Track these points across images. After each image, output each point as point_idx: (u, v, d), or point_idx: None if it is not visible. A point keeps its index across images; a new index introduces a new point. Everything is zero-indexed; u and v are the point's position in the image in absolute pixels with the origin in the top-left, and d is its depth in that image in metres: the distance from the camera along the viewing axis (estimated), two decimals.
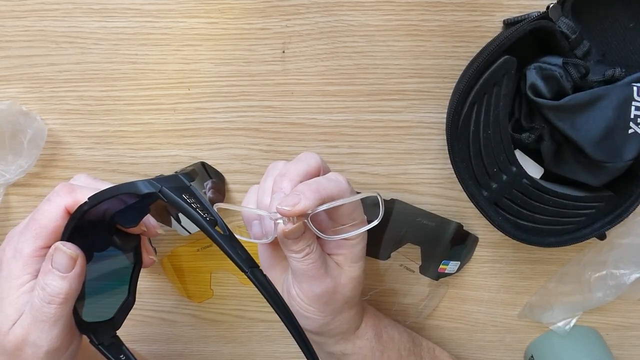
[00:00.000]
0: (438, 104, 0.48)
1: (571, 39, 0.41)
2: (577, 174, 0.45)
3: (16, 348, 0.33)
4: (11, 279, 0.32)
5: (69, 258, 0.32)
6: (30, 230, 0.33)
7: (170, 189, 0.28)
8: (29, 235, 0.33)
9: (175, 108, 0.49)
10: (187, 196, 0.29)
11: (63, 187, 0.33)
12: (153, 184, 0.29)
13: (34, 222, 0.33)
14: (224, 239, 0.28)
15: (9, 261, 0.33)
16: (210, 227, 0.28)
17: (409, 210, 0.50)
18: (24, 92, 0.48)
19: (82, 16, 0.45)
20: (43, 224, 0.33)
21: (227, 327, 0.58)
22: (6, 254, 0.33)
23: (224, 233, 0.29)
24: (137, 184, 0.29)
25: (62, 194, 0.33)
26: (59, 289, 0.31)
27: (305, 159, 0.38)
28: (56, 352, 0.33)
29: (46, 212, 0.33)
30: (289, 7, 0.45)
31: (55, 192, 0.34)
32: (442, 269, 0.53)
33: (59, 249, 0.32)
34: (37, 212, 0.33)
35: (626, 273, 0.53)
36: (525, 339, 0.60)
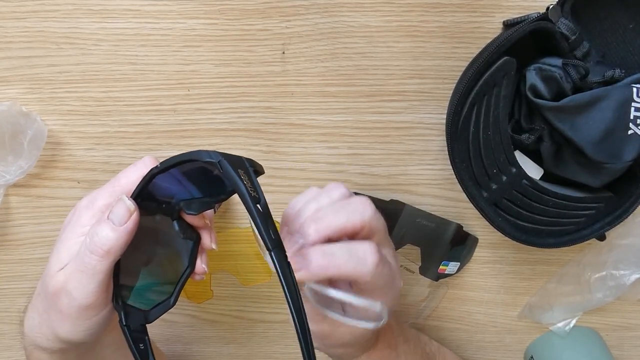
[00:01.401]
0: (438, 105, 0.48)
1: (571, 40, 0.41)
2: (577, 174, 0.45)
3: (55, 294, 0.33)
4: (76, 226, 0.34)
5: (127, 210, 0.32)
6: (109, 186, 0.34)
7: (230, 163, 0.30)
8: (106, 190, 0.34)
9: (175, 109, 0.49)
10: (241, 172, 0.30)
11: (150, 159, 0.35)
12: (216, 155, 0.30)
13: (115, 180, 0.34)
14: (260, 215, 0.29)
15: (81, 209, 0.34)
16: (251, 202, 0.29)
17: (409, 211, 0.50)
18: (24, 93, 0.48)
19: (82, 17, 0.45)
20: (122, 183, 0.34)
21: (227, 327, 0.58)
22: (82, 203, 0.35)
23: (262, 211, 0.30)
24: (201, 152, 0.31)
25: (148, 163, 0.34)
26: (106, 239, 0.32)
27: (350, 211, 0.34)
28: (88, 309, 0.33)
29: (128, 174, 0.34)
30: (289, 8, 0.45)
31: (142, 160, 0.34)
32: (442, 270, 0.53)
33: (121, 199, 0.32)
34: (121, 172, 0.34)
35: (626, 274, 0.53)
36: (525, 340, 0.60)
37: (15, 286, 0.56)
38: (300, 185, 0.52)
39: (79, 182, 0.51)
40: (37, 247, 0.54)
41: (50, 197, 0.52)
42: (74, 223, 0.34)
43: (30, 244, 0.54)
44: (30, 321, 0.37)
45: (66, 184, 0.51)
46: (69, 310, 0.33)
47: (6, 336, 0.59)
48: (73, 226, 0.34)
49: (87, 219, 0.34)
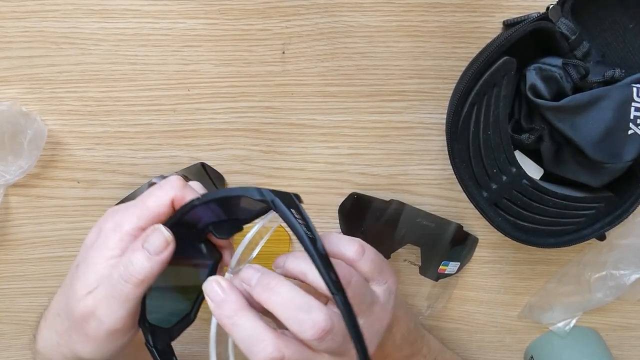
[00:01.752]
0: (438, 105, 0.48)
1: (571, 39, 0.41)
2: (577, 174, 0.45)
3: (82, 318, 0.33)
4: (104, 249, 0.33)
5: (164, 241, 0.32)
6: (136, 209, 0.33)
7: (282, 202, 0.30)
8: (133, 213, 0.33)
9: (175, 109, 0.49)
10: (294, 211, 0.30)
11: (177, 180, 0.34)
12: (268, 194, 0.30)
13: (142, 203, 0.33)
14: (320, 258, 0.30)
15: (107, 232, 0.33)
16: (310, 245, 0.30)
17: (409, 211, 0.50)
18: (24, 93, 0.48)
19: (82, 17, 0.45)
20: (150, 207, 0.33)
21: None
22: (107, 224, 0.34)
23: (321, 253, 0.30)
24: (252, 190, 0.31)
25: (175, 186, 0.33)
26: (141, 268, 0.32)
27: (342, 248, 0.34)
28: (115, 334, 0.33)
29: (155, 197, 0.33)
30: (289, 8, 0.45)
31: (169, 182, 0.34)
32: (442, 270, 0.53)
33: (159, 229, 0.32)
34: (147, 195, 0.34)
35: (626, 274, 0.53)
36: (525, 340, 0.60)
37: (15, 286, 0.56)
38: (300, 185, 0.52)
39: (79, 182, 0.51)
40: (37, 247, 0.54)
41: (50, 197, 0.52)
42: (101, 246, 0.33)
43: (30, 244, 0.54)
44: (46, 341, 0.36)
45: (66, 183, 0.51)
46: (96, 334, 0.33)
47: (6, 336, 0.59)
48: (100, 249, 0.33)
49: (115, 242, 0.33)
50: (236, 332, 0.31)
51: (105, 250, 0.33)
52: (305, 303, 0.31)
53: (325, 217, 0.53)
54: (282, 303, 0.31)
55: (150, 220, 0.33)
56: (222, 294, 0.32)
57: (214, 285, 0.32)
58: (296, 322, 0.31)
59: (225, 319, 0.32)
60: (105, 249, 0.33)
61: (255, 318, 0.32)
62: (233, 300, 0.32)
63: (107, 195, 0.52)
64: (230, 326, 0.31)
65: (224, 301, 0.32)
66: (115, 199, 0.51)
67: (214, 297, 0.32)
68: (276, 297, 0.31)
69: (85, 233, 0.53)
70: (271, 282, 0.32)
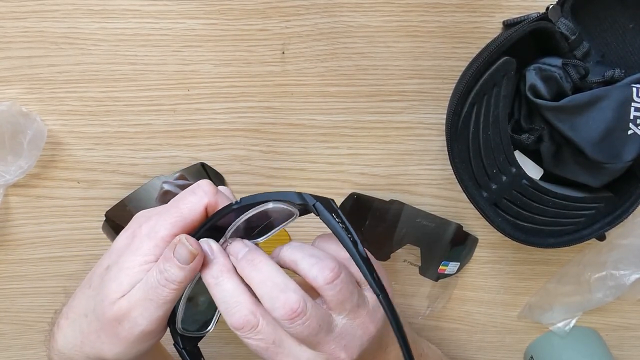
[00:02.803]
0: (438, 105, 0.48)
1: (571, 40, 0.41)
2: (577, 175, 0.45)
3: (115, 319, 0.33)
4: (138, 254, 0.33)
5: (189, 253, 0.32)
6: (170, 216, 0.34)
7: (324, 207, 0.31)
8: (168, 220, 0.34)
9: (175, 109, 0.49)
10: (334, 215, 0.31)
11: (209, 186, 0.34)
12: (309, 198, 0.31)
13: (176, 210, 0.34)
14: (363, 259, 0.31)
15: (142, 237, 0.34)
16: (353, 247, 0.31)
17: (409, 211, 0.50)
18: (24, 93, 0.48)
19: (82, 17, 0.45)
20: (184, 214, 0.34)
21: (226, 327, 0.58)
22: (142, 230, 0.34)
23: (363, 255, 0.31)
24: (293, 194, 0.31)
25: (208, 191, 0.34)
26: (176, 276, 0.32)
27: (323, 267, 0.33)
28: (148, 335, 0.34)
29: (190, 204, 0.34)
30: (289, 8, 0.45)
31: (201, 187, 0.34)
32: (442, 270, 0.53)
33: (182, 242, 0.33)
34: (181, 201, 0.34)
35: (626, 274, 0.53)
36: (525, 340, 0.60)
37: (16, 286, 0.56)
38: (300, 185, 0.52)
39: (79, 182, 0.51)
40: (37, 247, 0.54)
41: (50, 197, 0.52)
42: (135, 251, 0.34)
43: (30, 244, 0.54)
44: (68, 340, 0.37)
45: (66, 184, 0.51)
46: (129, 335, 0.33)
47: (6, 336, 0.59)
48: (134, 254, 0.33)
49: (150, 247, 0.33)
50: (218, 292, 0.33)
51: (139, 255, 0.33)
52: (282, 283, 0.32)
53: None
54: (261, 280, 0.32)
55: (184, 226, 0.34)
56: (211, 255, 0.33)
57: (205, 246, 0.33)
58: (270, 299, 0.32)
59: (210, 278, 0.33)
60: (140, 254, 0.33)
61: (239, 282, 0.33)
62: (221, 262, 0.33)
63: (107, 195, 0.52)
64: (213, 285, 0.33)
65: (211, 262, 0.33)
66: (115, 199, 0.51)
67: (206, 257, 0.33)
68: (257, 273, 0.32)
69: (85, 233, 0.54)
70: (256, 258, 0.33)
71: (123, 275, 0.33)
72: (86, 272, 0.55)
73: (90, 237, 0.54)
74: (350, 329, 0.34)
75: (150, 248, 0.33)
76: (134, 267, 0.33)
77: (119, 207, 0.50)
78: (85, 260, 0.55)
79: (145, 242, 0.33)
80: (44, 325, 0.59)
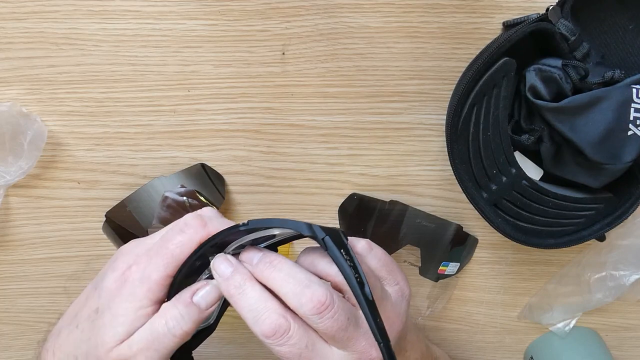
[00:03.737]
0: (438, 106, 0.48)
1: (570, 40, 0.41)
2: (577, 175, 0.45)
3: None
4: (132, 300, 0.33)
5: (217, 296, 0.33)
6: (161, 258, 0.33)
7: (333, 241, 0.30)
8: (160, 263, 0.33)
9: (175, 109, 0.49)
10: (343, 252, 0.30)
11: (195, 220, 0.33)
12: (319, 230, 0.30)
13: (166, 251, 0.33)
14: (368, 303, 0.30)
15: (134, 282, 0.33)
16: (359, 289, 0.29)
17: (409, 212, 0.50)
18: (24, 93, 0.48)
19: (82, 18, 0.45)
20: (176, 255, 0.33)
21: (226, 328, 0.58)
22: (132, 273, 0.33)
23: (369, 298, 0.30)
24: (303, 225, 0.30)
25: (196, 227, 0.33)
26: (192, 322, 0.32)
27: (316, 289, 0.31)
28: None
29: (180, 245, 0.33)
30: (289, 9, 0.45)
31: (188, 224, 0.33)
32: (442, 271, 0.53)
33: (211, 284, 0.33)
34: (170, 241, 0.33)
35: (626, 274, 0.53)
36: (525, 340, 0.60)
37: (16, 286, 0.56)
38: (300, 186, 0.52)
39: (79, 183, 0.51)
40: (37, 248, 0.54)
41: (51, 197, 0.52)
42: (128, 297, 0.33)
43: (31, 245, 0.54)
44: None
45: (66, 184, 0.51)
46: None
47: (6, 336, 0.59)
48: (128, 300, 0.33)
49: (144, 292, 0.33)
50: (243, 301, 0.31)
51: (133, 301, 0.33)
52: (305, 279, 0.31)
53: (325, 217, 0.53)
54: (283, 278, 0.31)
55: (177, 267, 0.33)
56: (231, 267, 0.32)
57: (222, 260, 0.33)
58: (295, 295, 0.30)
59: (234, 289, 0.32)
60: (134, 300, 0.33)
61: (263, 289, 0.32)
62: (242, 272, 0.32)
63: (107, 195, 0.52)
64: (238, 296, 0.32)
65: (233, 273, 0.32)
66: (115, 200, 0.51)
67: (223, 271, 0.32)
68: (277, 273, 0.31)
69: (85, 234, 0.54)
70: (274, 259, 0.32)
71: (119, 323, 0.33)
72: (86, 272, 0.56)
73: (90, 238, 0.54)
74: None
75: (144, 292, 0.32)
76: (129, 314, 0.32)
77: (119, 207, 0.50)
78: (85, 260, 0.55)
79: (139, 287, 0.33)
80: (44, 326, 0.59)
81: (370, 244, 0.36)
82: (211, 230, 0.33)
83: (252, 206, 0.52)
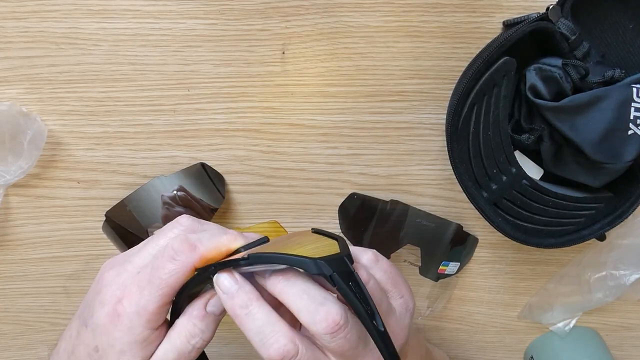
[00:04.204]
0: (438, 105, 0.48)
1: (571, 40, 0.41)
2: (577, 175, 0.45)
3: None
4: (133, 334, 0.32)
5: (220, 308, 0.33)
6: (156, 288, 0.31)
7: (340, 274, 0.29)
8: (155, 294, 0.31)
9: (175, 109, 0.49)
10: (352, 284, 0.29)
11: (183, 244, 0.32)
12: (325, 267, 0.29)
13: (160, 281, 0.31)
14: (380, 335, 0.29)
15: (130, 316, 0.31)
16: (369, 321, 0.29)
17: (409, 212, 0.50)
18: (24, 93, 0.48)
19: (82, 17, 0.45)
20: (170, 284, 0.31)
21: (227, 328, 0.58)
22: (125, 307, 0.32)
23: (380, 330, 0.29)
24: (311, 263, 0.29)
25: (186, 251, 0.32)
26: (212, 331, 0.32)
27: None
28: None
29: (174, 273, 0.31)
30: (289, 8, 0.45)
31: (177, 250, 0.32)
32: (442, 270, 0.53)
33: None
34: (162, 270, 0.32)
35: (626, 274, 0.53)
36: (525, 340, 0.60)
37: (16, 286, 0.56)
38: (300, 186, 0.52)
39: (79, 182, 0.51)
40: (37, 247, 0.54)
41: (50, 197, 0.52)
42: (128, 332, 0.32)
43: (31, 244, 0.54)
44: None
45: (66, 184, 0.51)
46: None
47: (6, 336, 0.59)
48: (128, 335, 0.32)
49: (143, 325, 0.32)
50: (250, 323, 0.30)
51: (134, 335, 0.32)
52: (320, 295, 0.30)
53: (325, 217, 0.53)
54: (296, 294, 0.30)
55: (173, 294, 0.32)
56: (236, 285, 0.31)
57: (227, 276, 0.31)
58: (308, 312, 0.29)
59: (239, 309, 0.31)
60: (134, 333, 0.32)
61: (270, 309, 0.31)
62: (247, 290, 0.31)
63: (107, 195, 0.52)
64: (243, 317, 0.30)
65: (238, 291, 0.31)
66: (115, 199, 0.51)
67: (227, 288, 0.31)
68: (291, 287, 0.30)
69: (85, 233, 0.54)
70: (287, 272, 0.31)
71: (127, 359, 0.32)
72: (86, 272, 0.56)
73: (90, 237, 0.54)
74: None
75: (143, 324, 0.32)
76: (134, 348, 0.32)
77: (119, 207, 0.50)
78: (85, 260, 0.55)
79: (136, 321, 0.31)
80: (44, 326, 0.59)
81: (377, 256, 0.35)
82: (202, 252, 0.32)
83: (252, 206, 0.52)
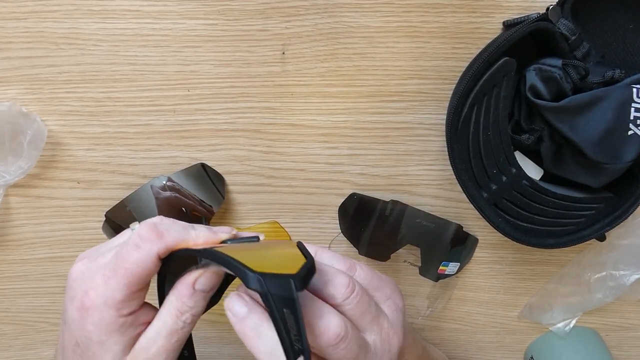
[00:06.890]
0: (438, 106, 0.48)
1: (571, 40, 0.41)
2: (577, 175, 0.45)
3: None
4: (105, 324, 0.32)
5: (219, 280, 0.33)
6: (121, 278, 0.31)
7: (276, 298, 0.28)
8: (121, 283, 0.31)
9: (175, 109, 0.49)
10: (287, 311, 0.28)
11: (150, 232, 0.32)
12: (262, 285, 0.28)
13: (124, 270, 0.31)
14: None
15: (99, 307, 0.32)
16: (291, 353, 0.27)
17: (409, 212, 0.50)
18: (24, 93, 0.48)
19: (82, 17, 0.45)
20: (136, 273, 0.31)
21: (227, 328, 0.58)
22: (92, 299, 0.32)
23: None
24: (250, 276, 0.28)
25: (152, 239, 0.32)
26: (201, 307, 0.32)
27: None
28: None
29: (139, 262, 0.31)
30: (289, 8, 0.45)
31: (143, 237, 0.32)
32: (442, 271, 0.53)
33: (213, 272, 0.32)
34: (126, 259, 0.31)
35: (626, 274, 0.53)
36: (525, 340, 0.60)
37: (16, 286, 0.56)
38: (300, 186, 0.52)
39: (79, 183, 0.51)
40: (37, 247, 0.54)
41: (50, 197, 0.52)
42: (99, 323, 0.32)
43: (31, 244, 0.54)
44: None
45: (66, 184, 0.51)
46: None
47: (6, 336, 0.59)
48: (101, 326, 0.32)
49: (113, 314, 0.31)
50: (261, 344, 0.30)
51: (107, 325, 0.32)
52: (318, 309, 0.31)
53: (325, 217, 0.53)
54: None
55: (140, 283, 0.32)
56: (246, 307, 0.31)
57: (237, 299, 0.31)
58: (309, 327, 0.30)
59: (250, 330, 0.31)
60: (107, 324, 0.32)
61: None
62: (258, 312, 0.31)
63: (107, 195, 0.52)
64: (255, 338, 0.30)
65: (249, 313, 0.31)
66: (115, 199, 0.51)
67: (238, 311, 0.31)
68: None
69: (85, 233, 0.54)
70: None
71: (104, 352, 0.32)
72: None
73: (90, 238, 0.54)
74: (380, 345, 0.33)
75: (113, 314, 0.32)
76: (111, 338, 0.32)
77: (119, 207, 0.50)
78: None
79: (105, 311, 0.32)
80: (44, 326, 0.59)
81: (353, 264, 0.35)
82: (168, 241, 0.32)
83: (252, 206, 0.52)
